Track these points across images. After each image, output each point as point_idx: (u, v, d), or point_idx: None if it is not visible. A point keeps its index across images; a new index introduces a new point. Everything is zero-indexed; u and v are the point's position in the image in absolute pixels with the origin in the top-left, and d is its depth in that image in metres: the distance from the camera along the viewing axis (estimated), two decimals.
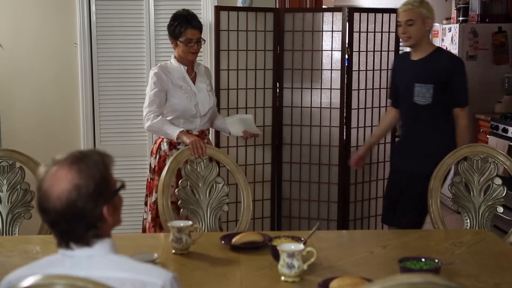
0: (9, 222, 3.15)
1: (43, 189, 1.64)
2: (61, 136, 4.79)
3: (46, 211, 1.64)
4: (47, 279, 1.47)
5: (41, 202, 1.65)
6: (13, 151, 3.23)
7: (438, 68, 3.59)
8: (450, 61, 3.67)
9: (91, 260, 1.64)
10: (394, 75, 3.89)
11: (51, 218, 1.64)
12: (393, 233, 3.40)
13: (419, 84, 3.60)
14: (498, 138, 5.59)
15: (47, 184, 1.63)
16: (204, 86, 3.80)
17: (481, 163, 3.20)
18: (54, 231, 1.67)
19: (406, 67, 3.73)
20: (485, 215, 3.17)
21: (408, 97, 3.66)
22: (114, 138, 4.76)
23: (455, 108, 3.67)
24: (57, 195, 1.61)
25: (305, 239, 2.50)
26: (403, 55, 3.94)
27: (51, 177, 1.64)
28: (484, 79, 6.19)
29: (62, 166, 1.64)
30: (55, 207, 1.62)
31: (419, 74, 3.63)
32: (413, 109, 3.66)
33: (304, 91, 4.53)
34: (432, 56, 3.64)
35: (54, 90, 4.78)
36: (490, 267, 2.46)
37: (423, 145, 3.67)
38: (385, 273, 2.25)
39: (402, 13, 3.62)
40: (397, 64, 3.91)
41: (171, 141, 3.71)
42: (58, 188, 1.62)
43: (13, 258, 2.55)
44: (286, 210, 4.63)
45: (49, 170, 1.65)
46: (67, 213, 1.62)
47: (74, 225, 1.64)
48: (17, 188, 3.17)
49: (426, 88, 3.59)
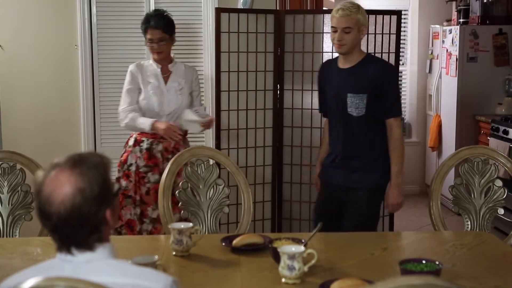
0: (10, 224, 3.15)
1: (44, 194, 1.60)
2: (62, 138, 4.79)
3: (48, 216, 1.61)
4: (48, 281, 1.47)
5: (43, 207, 1.61)
6: (14, 153, 3.24)
7: (370, 77, 3.37)
8: (382, 69, 3.46)
9: (90, 265, 1.63)
10: (321, 85, 3.62)
11: (53, 223, 1.61)
12: (393, 235, 3.40)
13: (352, 94, 3.37)
14: (498, 140, 5.59)
15: (48, 189, 1.60)
16: (175, 85, 3.87)
17: (482, 165, 3.20)
18: (56, 236, 1.64)
19: (334, 76, 3.48)
20: (486, 217, 3.17)
21: (341, 108, 3.42)
22: (115, 140, 4.75)
23: (389, 119, 3.43)
24: (61, 200, 1.58)
25: (306, 241, 2.50)
26: (328, 63, 3.66)
27: (52, 181, 1.60)
28: (484, 81, 6.19)
29: (63, 169, 1.61)
30: (59, 212, 1.59)
31: (351, 83, 3.39)
32: (347, 121, 3.42)
33: (304, 93, 4.53)
34: (363, 64, 3.41)
35: (55, 92, 4.79)
36: (491, 269, 2.46)
37: (361, 159, 3.45)
38: (385, 275, 2.25)
39: (339, 19, 3.33)
40: (323, 73, 3.62)
41: (136, 138, 3.85)
42: (61, 192, 1.59)
43: (14, 260, 2.55)
44: (287, 212, 4.63)
45: (48, 174, 1.62)
46: (71, 218, 1.59)
47: (77, 229, 1.61)
48: (17, 190, 3.17)
49: (360, 98, 3.36)
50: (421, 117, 7.23)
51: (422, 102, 7.20)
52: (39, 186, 1.62)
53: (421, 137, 7.24)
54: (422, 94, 7.20)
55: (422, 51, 7.14)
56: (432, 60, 6.89)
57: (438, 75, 6.66)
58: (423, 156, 7.21)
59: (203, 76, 4.81)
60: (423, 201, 6.51)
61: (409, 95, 7.27)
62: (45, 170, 1.64)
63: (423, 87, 7.17)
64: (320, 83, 3.64)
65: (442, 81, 6.61)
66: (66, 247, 1.64)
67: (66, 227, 1.61)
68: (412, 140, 7.25)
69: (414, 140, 7.26)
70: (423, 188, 7.12)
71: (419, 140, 7.25)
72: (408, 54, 7.25)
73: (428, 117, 7.08)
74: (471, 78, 6.19)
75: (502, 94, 6.18)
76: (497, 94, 6.19)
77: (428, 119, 7.03)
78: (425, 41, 7.11)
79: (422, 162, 7.21)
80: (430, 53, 6.94)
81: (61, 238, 1.64)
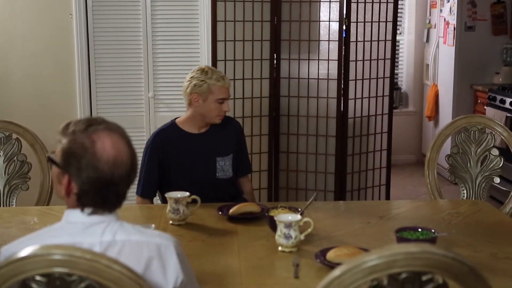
0: (6, 194, 3.16)
1: (106, 154, 1.63)
2: (57, 107, 4.78)
3: (111, 177, 1.64)
4: (45, 249, 1.48)
5: (105, 167, 1.63)
6: (9, 122, 3.23)
7: (230, 136, 3.20)
8: (236, 125, 3.28)
9: (103, 226, 1.66)
10: (162, 158, 3.08)
11: (116, 182, 1.65)
12: (390, 203, 3.42)
13: (220, 157, 3.13)
14: (495, 109, 5.59)
15: (111, 151, 1.64)
16: None
17: (478, 134, 3.20)
18: (104, 194, 1.66)
19: (188, 143, 3.10)
20: (482, 185, 3.18)
21: (207, 175, 3.12)
22: (111, 109, 4.74)
23: (243, 177, 3.31)
24: (124, 161, 1.66)
25: (302, 210, 2.50)
26: (166, 132, 3.13)
27: (112, 145, 1.64)
28: (482, 50, 6.16)
29: (115, 133, 1.67)
30: (121, 173, 1.65)
31: (217, 146, 3.14)
32: (216, 187, 3.13)
33: (301, 62, 4.51)
34: (218, 124, 3.14)
35: (50, 62, 4.75)
36: (487, 237, 2.48)
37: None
38: (382, 243, 2.26)
39: (226, 90, 3.08)
40: (164, 145, 3.09)
41: None
42: (124, 154, 1.66)
43: (11, 229, 2.55)
44: (284, 181, 4.63)
45: (101, 133, 1.64)
46: (132, 176, 1.69)
47: (126, 190, 1.70)
48: (14, 160, 3.17)
49: (227, 160, 3.15)
50: (418, 86, 7.21)
51: (419, 72, 7.17)
52: (92, 144, 1.63)
53: (418, 107, 7.23)
54: (419, 63, 7.17)
55: (419, 20, 7.09)
56: (430, 29, 6.84)
57: (435, 44, 6.63)
58: (419, 125, 7.21)
59: (200, 47, 4.79)
60: (420, 170, 6.52)
61: (406, 65, 7.24)
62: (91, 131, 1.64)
63: (420, 56, 7.14)
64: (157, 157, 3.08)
65: (439, 50, 6.58)
66: (109, 207, 1.68)
67: (124, 186, 1.68)
68: (409, 109, 7.24)
69: (410, 109, 7.25)
70: (419, 157, 7.13)
71: (415, 110, 7.24)
72: (405, 23, 7.20)
73: (425, 87, 7.06)
74: (468, 47, 6.16)
75: (500, 64, 6.15)
76: (495, 64, 6.17)
77: (425, 89, 7.01)
78: (422, 10, 7.05)
79: (418, 132, 7.21)
80: (428, 22, 6.90)
81: (109, 196, 1.67)
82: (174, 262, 1.66)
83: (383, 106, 4.65)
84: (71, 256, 1.46)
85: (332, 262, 2.08)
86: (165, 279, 1.65)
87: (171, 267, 1.66)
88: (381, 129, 4.65)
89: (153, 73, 4.78)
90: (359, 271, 1.49)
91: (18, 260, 1.47)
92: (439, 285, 1.47)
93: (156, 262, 1.64)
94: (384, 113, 4.63)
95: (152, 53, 4.76)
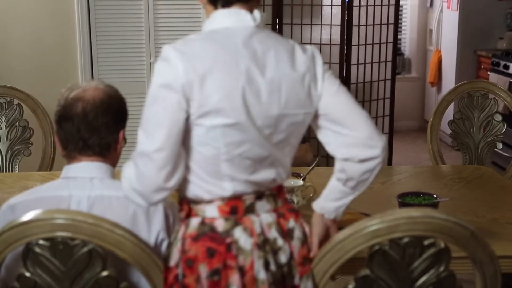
0: (9, 159, 3.16)
1: (73, 95, 1.74)
2: (59, 73, 4.75)
3: (74, 113, 1.71)
4: (48, 213, 1.48)
5: (72, 102, 1.72)
6: (11, 88, 3.22)
7: None
8: None
9: (93, 181, 1.72)
10: None
11: (79, 120, 1.71)
12: (391, 169, 3.41)
13: None
14: (499, 74, 5.56)
15: (78, 93, 1.73)
16: None
17: (482, 99, 3.19)
18: (76, 137, 1.72)
19: None
20: (484, 151, 3.18)
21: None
22: (112, 75, 4.71)
23: None
24: (92, 96, 1.72)
25: (304, 175, 2.51)
26: None
27: (81, 90, 1.74)
28: (486, 15, 6.10)
29: (91, 84, 1.77)
30: (85, 109, 1.70)
31: None
32: None
33: (304, 27, 4.47)
34: None
35: (51, 28, 4.71)
36: (488, 202, 2.48)
37: None
38: (384, 208, 2.26)
39: None
40: None
41: None
42: (91, 93, 1.73)
43: (14, 195, 2.55)
44: None
45: (77, 89, 1.75)
46: (90, 115, 1.71)
47: (97, 130, 1.72)
48: (15, 125, 3.17)
49: None
50: (421, 52, 7.17)
51: (423, 37, 7.12)
52: (67, 94, 1.75)
53: (421, 72, 7.19)
54: (422, 28, 7.11)
55: None
56: None
57: (439, 9, 6.57)
58: (422, 91, 7.18)
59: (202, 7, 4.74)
60: (422, 136, 6.51)
61: (409, 30, 7.18)
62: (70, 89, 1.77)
63: (423, 21, 7.08)
64: None
65: (443, 15, 6.51)
66: (85, 151, 1.74)
67: (83, 125, 1.71)
68: (412, 75, 7.21)
69: (413, 75, 7.21)
70: (422, 123, 7.12)
71: (418, 76, 7.20)
72: None
73: (428, 52, 7.02)
74: (472, 12, 6.10)
75: (504, 29, 6.10)
76: (499, 29, 6.12)
77: (428, 54, 6.97)
78: None
79: (421, 98, 7.19)
80: None
81: (82, 138, 1.73)
82: (159, 219, 1.70)
83: (385, 72, 4.63)
84: (73, 220, 1.47)
85: None
86: (149, 234, 1.69)
87: (155, 223, 1.70)
88: (383, 95, 4.64)
89: (155, 38, 4.75)
90: (361, 235, 1.50)
91: (21, 224, 1.48)
92: (440, 250, 1.47)
93: (142, 217, 1.68)
94: (387, 78, 4.61)
95: (153, 17, 4.71)
